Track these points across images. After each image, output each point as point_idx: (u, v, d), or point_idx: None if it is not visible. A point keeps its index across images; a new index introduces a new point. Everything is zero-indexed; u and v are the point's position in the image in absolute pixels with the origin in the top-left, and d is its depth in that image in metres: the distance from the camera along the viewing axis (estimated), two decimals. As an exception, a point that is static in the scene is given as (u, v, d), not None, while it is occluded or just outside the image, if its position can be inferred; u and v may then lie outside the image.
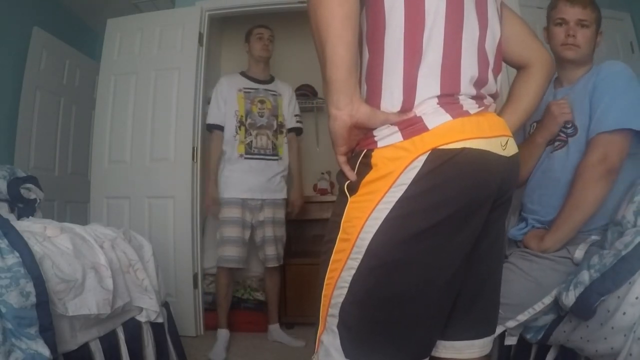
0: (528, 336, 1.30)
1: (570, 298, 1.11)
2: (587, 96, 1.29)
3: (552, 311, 1.24)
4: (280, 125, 2.46)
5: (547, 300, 1.22)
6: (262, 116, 2.41)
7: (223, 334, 2.33)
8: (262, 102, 2.43)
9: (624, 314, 1.00)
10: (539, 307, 1.23)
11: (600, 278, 1.06)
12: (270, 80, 2.54)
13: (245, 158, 2.36)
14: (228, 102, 2.41)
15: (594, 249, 1.23)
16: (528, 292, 1.23)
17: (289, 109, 2.54)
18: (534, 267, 1.25)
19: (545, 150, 1.38)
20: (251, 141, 2.37)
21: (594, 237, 1.28)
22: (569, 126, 1.32)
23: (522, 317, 1.23)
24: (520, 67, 0.95)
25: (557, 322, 1.22)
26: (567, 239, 1.26)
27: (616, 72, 1.27)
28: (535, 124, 1.44)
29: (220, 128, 2.41)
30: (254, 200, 2.37)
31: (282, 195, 2.47)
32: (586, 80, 1.32)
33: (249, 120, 2.39)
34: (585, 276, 1.10)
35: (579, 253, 1.23)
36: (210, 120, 2.44)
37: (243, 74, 2.51)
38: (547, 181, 1.35)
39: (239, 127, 2.37)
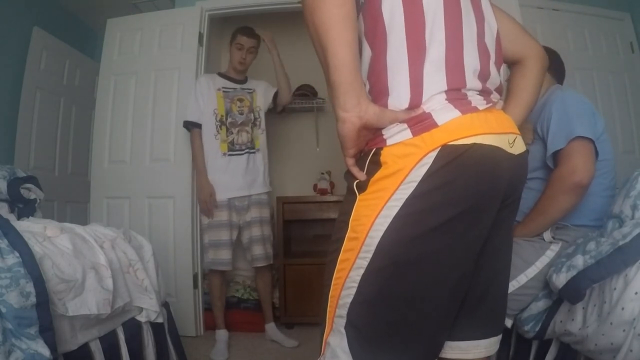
0: (526, 328, 1.31)
1: (561, 280, 1.14)
2: (533, 125, 1.43)
3: (545, 297, 1.27)
4: (255, 119, 2.48)
5: (531, 272, 1.30)
6: (241, 114, 2.43)
7: (222, 334, 2.34)
8: (240, 100, 2.45)
9: (623, 309, 1.01)
10: (522, 279, 1.30)
11: (594, 265, 1.08)
12: (245, 80, 2.55)
13: (228, 155, 2.36)
14: (206, 100, 2.40)
15: (591, 235, 1.27)
16: (511, 265, 1.27)
17: (265, 96, 2.54)
18: (513, 245, 1.31)
19: None
20: (233, 139, 2.39)
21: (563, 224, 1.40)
22: None
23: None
24: (514, 63, 0.95)
25: (553, 313, 1.25)
26: (533, 235, 1.39)
27: (553, 98, 1.40)
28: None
29: (199, 126, 2.40)
30: (241, 199, 2.38)
31: (269, 187, 2.49)
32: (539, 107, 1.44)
33: (229, 120, 2.40)
34: (579, 261, 1.13)
35: (546, 235, 1.38)
36: (189, 117, 2.41)
37: (221, 74, 2.52)
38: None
39: (220, 126, 2.38)
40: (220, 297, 2.40)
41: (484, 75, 0.74)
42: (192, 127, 2.40)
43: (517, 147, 0.74)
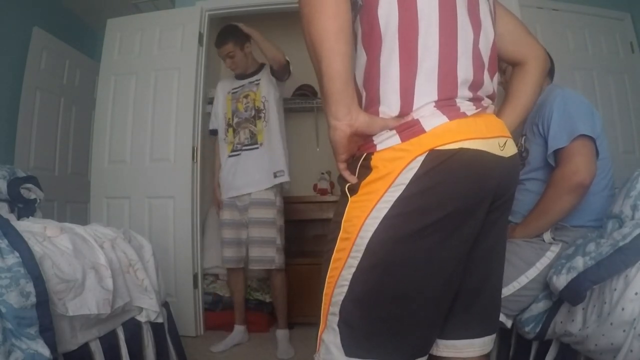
0: (527, 329, 1.31)
1: (561, 281, 1.14)
2: (533, 122, 1.43)
3: (545, 298, 1.27)
4: (259, 111, 2.37)
5: (531, 274, 1.30)
6: (247, 110, 2.40)
7: (236, 329, 2.39)
8: (246, 96, 2.42)
9: (623, 309, 1.01)
10: (522, 281, 1.30)
11: (595, 266, 1.08)
12: (259, 69, 2.48)
13: (231, 156, 2.39)
14: (220, 106, 2.49)
15: (591, 236, 1.28)
16: (511, 266, 1.28)
17: (269, 79, 2.42)
18: (513, 246, 1.33)
19: None
20: (236, 139, 2.40)
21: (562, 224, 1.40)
22: (522, 150, 1.48)
23: (507, 291, 1.28)
24: (515, 64, 0.95)
25: (553, 314, 1.25)
26: (534, 235, 1.38)
27: (554, 96, 1.39)
28: (524, 137, 1.48)
29: (216, 132, 2.52)
30: (241, 198, 2.37)
31: (269, 183, 2.34)
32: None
33: (235, 120, 2.41)
34: (579, 262, 1.13)
35: (546, 236, 1.37)
36: (210, 126, 2.59)
37: (237, 74, 2.50)
38: (519, 193, 1.50)
39: (227, 129, 2.43)
40: (235, 294, 2.45)
41: (476, 85, 0.75)
42: (212, 134, 2.56)
43: (508, 149, 0.75)
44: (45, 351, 1.01)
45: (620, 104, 2.80)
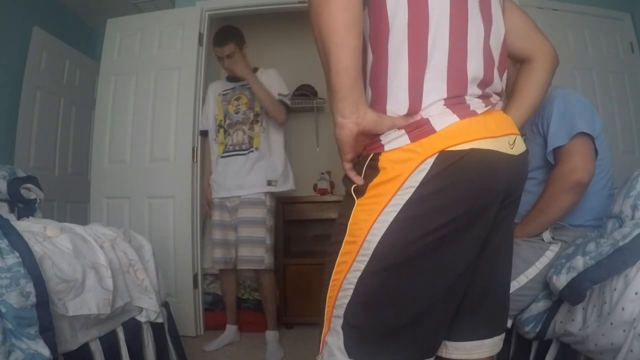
0: (527, 329, 1.31)
1: (561, 281, 1.14)
2: (533, 122, 1.42)
3: (545, 298, 1.27)
4: (257, 115, 2.37)
5: (531, 273, 1.30)
6: (237, 112, 2.40)
7: (228, 329, 2.41)
8: (237, 99, 2.42)
9: (623, 309, 1.01)
10: (522, 280, 1.31)
11: (595, 266, 1.08)
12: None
13: (222, 157, 2.39)
14: (211, 107, 2.50)
15: (590, 235, 1.28)
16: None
17: (268, 87, 2.37)
18: (513, 245, 1.31)
19: None
20: (228, 140, 2.39)
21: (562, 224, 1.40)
22: None
23: None
24: (523, 61, 0.93)
25: (553, 314, 1.25)
26: (533, 235, 1.39)
27: (554, 96, 1.38)
28: (524, 137, 1.48)
29: (206, 133, 2.54)
30: (231, 199, 2.36)
31: (261, 189, 2.33)
32: None
33: (227, 121, 2.41)
34: (579, 262, 1.13)
35: (546, 235, 1.37)
36: (199, 127, 2.62)
37: (228, 77, 2.50)
38: None
39: (218, 129, 2.44)
40: (227, 294, 2.46)
41: (486, 83, 0.73)
42: (203, 134, 2.58)
43: (518, 147, 0.74)
44: (45, 351, 1.01)
45: (620, 104, 2.80)
